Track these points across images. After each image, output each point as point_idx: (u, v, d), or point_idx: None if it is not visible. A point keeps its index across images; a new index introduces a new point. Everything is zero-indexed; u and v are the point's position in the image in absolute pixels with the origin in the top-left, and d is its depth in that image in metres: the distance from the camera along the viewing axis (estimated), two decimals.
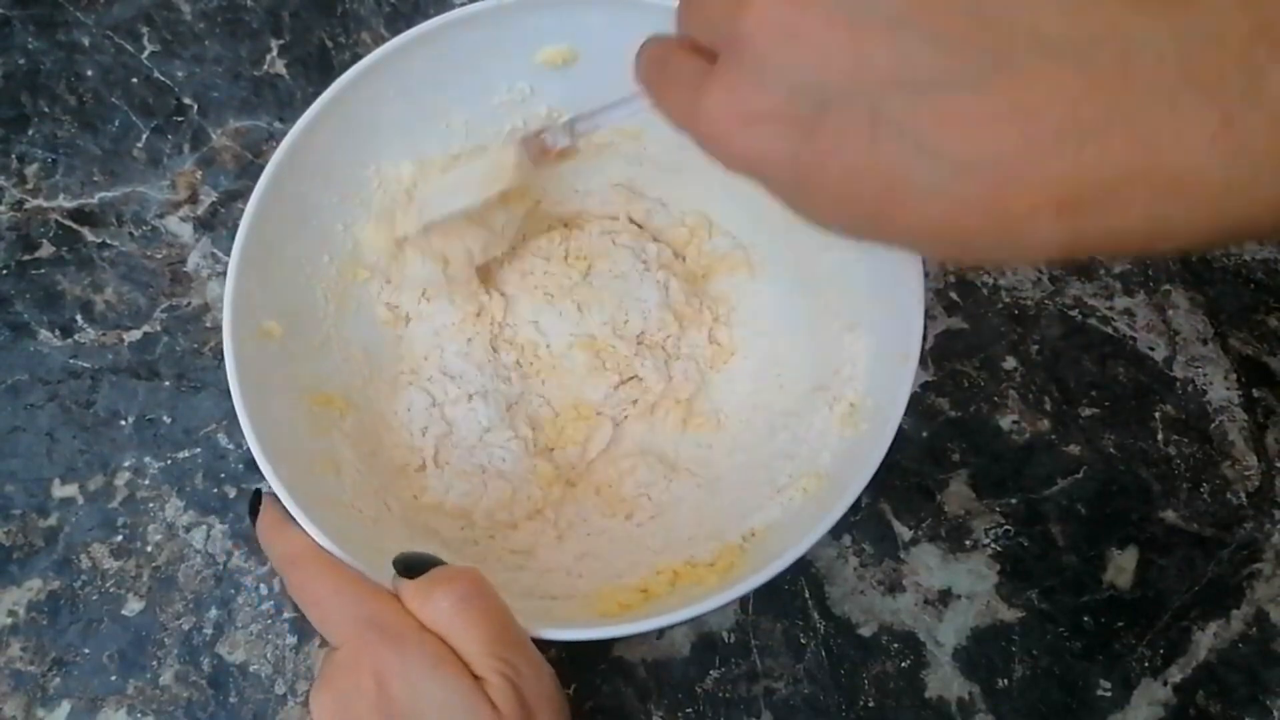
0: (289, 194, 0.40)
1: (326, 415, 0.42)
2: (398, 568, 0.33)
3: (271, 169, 0.39)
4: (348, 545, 0.34)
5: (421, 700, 0.30)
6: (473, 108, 0.45)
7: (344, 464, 0.41)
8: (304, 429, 0.40)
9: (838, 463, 0.39)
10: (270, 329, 0.40)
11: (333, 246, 0.43)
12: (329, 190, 0.42)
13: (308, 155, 0.40)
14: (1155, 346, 0.51)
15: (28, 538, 0.47)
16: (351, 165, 0.43)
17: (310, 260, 0.43)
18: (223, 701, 0.44)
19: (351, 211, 0.44)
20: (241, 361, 0.36)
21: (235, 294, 0.37)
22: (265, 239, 0.39)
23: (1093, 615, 0.46)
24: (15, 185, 0.53)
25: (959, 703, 0.45)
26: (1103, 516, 0.48)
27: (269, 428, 0.36)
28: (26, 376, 0.50)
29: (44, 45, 0.56)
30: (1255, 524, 0.48)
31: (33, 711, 0.44)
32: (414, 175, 0.44)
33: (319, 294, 0.43)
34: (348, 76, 0.40)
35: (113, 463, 0.48)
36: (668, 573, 0.40)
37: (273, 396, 0.38)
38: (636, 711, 0.45)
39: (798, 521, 0.38)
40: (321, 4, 0.57)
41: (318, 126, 0.40)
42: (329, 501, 0.38)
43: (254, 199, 0.38)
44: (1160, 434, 0.50)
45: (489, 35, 0.42)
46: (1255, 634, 0.46)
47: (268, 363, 0.39)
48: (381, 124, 0.42)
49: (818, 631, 0.46)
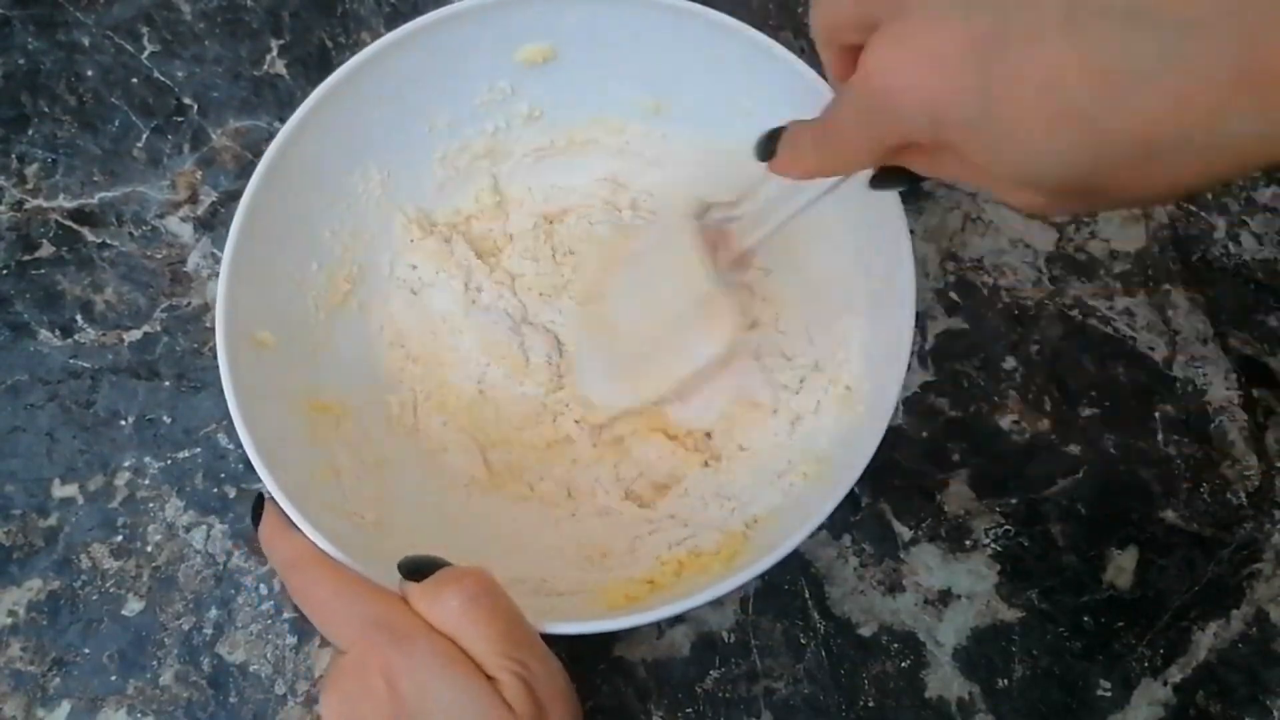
0: (276, 202, 0.40)
1: (324, 421, 0.42)
2: (403, 571, 0.33)
3: (257, 179, 0.39)
4: (350, 550, 0.34)
5: (431, 701, 0.29)
6: (455, 108, 0.45)
7: (343, 469, 0.41)
8: (302, 436, 0.40)
9: (836, 447, 0.40)
10: (263, 339, 0.40)
11: (321, 253, 0.43)
12: (316, 197, 0.42)
13: (293, 163, 0.40)
14: (1155, 346, 0.51)
15: (28, 538, 0.47)
16: (337, 171, 0.43)
17: (300, 268, 0.43)
18: (223, 701, 0.44)
19: (339, 217, 0.44)
20: (236, 371, 0.36)
21: (227, 305, 0.37)
22: (254, 249, 0.39)
23: (1093, 615, 0.46)
24: (15, 185, 0.53)
25: (959, 703, 0.45)
26: (1103, 516, 0.48)
27: (266, 436, 0.36)
28: (26, 376, 0.50)
29: (44, 45, 0.56)
30: (1255, 524, 0.48)
31: (33, 711, 0.44)
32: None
33: (309, 302, 0.43)
34: (329, 83, 0.40)
35: (113, 463, 0.48)
36: (673, 563, 0.40)
37: (269, 405, 0.38)
38: (636, 711, 0.45)
39: (799, 507, 0.38)
40: (321, 4, 0.57)
41: (302, 134, 0.40)
42: (329, 507, 0.38)
43: (240, 209, 0.38)
44: (1160, 434, 0.50)
45: (468, 35, 0.42)
46: (1255, 634, 0.46)
47: (263, 372, 0.39)
48: (365, 128, 0.43)
49: (818, 631, 0.46)
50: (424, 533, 0.41)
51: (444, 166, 0.47)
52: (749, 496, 0.42)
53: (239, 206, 0.38)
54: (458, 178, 0.48)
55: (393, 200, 0.46)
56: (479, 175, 0.48)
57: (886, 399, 0.36)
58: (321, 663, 0.45)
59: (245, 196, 0.39)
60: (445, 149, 0.46)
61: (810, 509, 0.35)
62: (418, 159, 0.46)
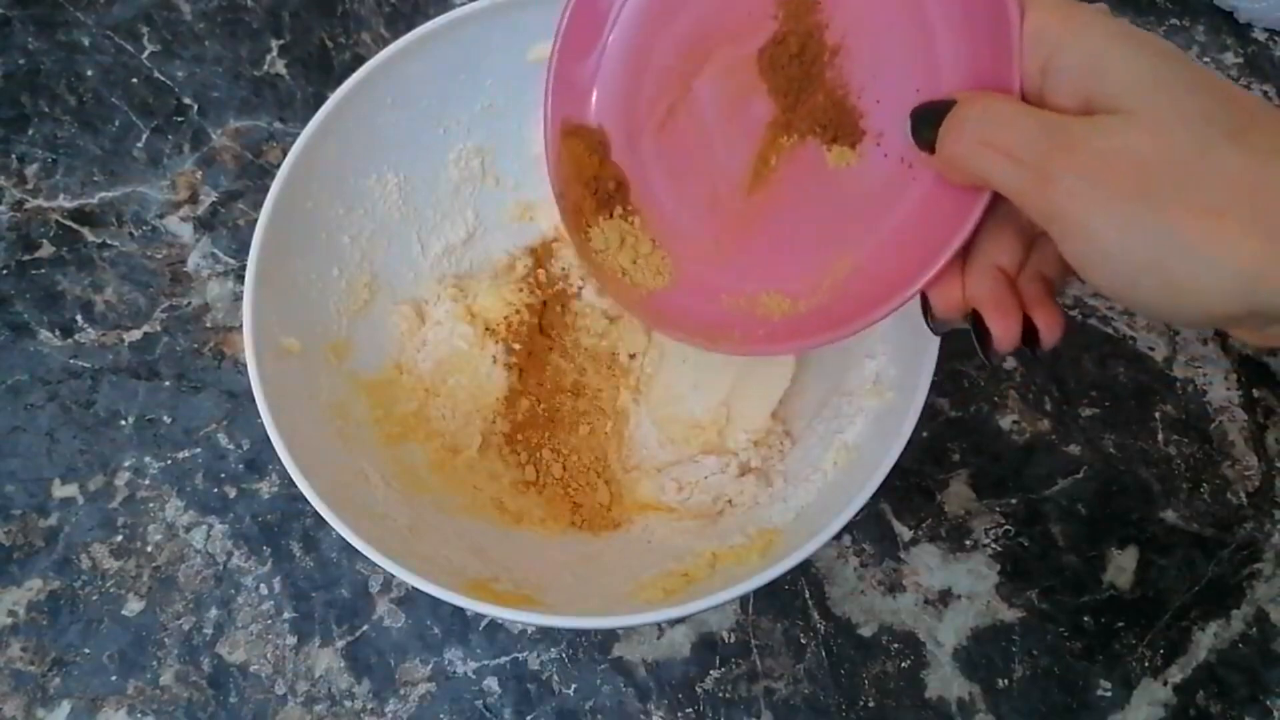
0: (296, 210, 0.40)
1: (350, 428, 0.42)
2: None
3: (277, 186, 0.39)
4: (387, 551, 0.34)
5: None
6: (468, 110, 0.45)
7: (372, 475, 0.41)
8: (333, 441, 0.40)
9: (866, 435, 0.40)
10: (289, 345, 0.40)
11: (341, 259, 0.44)
12: (334, 203, 0.43)
13: (312, 170, 0.40)
14: (1155, 346, 0.51)
15: (28, 538, 0.47)
16: (355, 176, 0.43)
17: (321, 275, 0.43)
18: (223, 701, 0.44)
19: (357, 223, 0.44)
20: (266, 380, 0.36)
21: (254, 312, 0.37)
22: (276, 256, 0.39)
23: (1093, 615, 0.46)
24: (15, 185, 0.53)
25: (959, 703, 0.45)
26: (1103, 516, 0.48)
27: (299, 443, 0.36)
28: (26, 376, 0.50)
29: (44, 45, 0.56)
30: (1255, 524, 0.48)
31: (33, 711, 0.44)
32: None
33: (331, 309, 0.43)
34: (346, 88, 0.40)
35: (113, 463, 0.48)
36: (706, 555, 0.40)
37: (299, 411, 0.38)
38: (636, 711, 0.45)
39: (833, 494, 0.38)
40: (321, 4, 0.57)
41: (320, 140, 0.40)
42: (364, 511, 0.38)
43: (262, 218, 0.39)
44: (1160, 434, 0.50)
45: (480, 37, 0.42)
46: (1255, 634, 0.46)
47: (291, 379, 0.39)
48: (381, 133, 0.43)
49: (818, 631, 0.46)
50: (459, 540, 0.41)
51: (458, 169, 0.47)
52: (785, 492, 0.42)
53: (261, 213, 0.39)
54: (472, 181, 0.48)
55: (409, 204, 0.46)
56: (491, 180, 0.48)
57: (918, 379, 0.36)
58: (321, 663, 0.45)
59: (267, 203, 0.39)
60: (459, 151, 0.46)
61: (843, 496, 0.35)
62: (433, 163, 0.46)
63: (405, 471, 0.43)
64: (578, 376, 0.48)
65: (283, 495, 0.48)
